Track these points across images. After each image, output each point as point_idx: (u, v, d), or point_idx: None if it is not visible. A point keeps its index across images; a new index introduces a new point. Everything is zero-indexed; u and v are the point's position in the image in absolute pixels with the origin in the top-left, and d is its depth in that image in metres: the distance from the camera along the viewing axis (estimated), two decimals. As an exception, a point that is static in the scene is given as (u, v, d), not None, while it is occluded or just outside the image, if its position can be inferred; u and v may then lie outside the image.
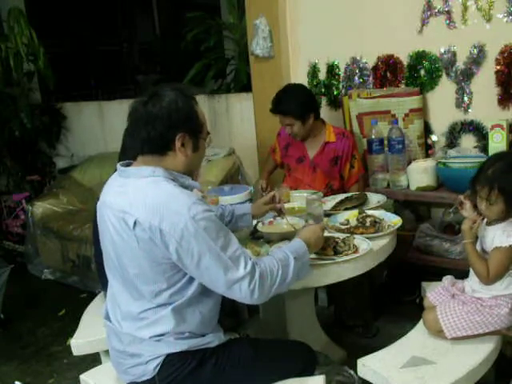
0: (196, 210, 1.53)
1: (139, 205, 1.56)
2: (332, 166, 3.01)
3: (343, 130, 3.13)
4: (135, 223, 1.55)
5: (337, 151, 3.00)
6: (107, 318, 1.80)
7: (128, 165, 1.72)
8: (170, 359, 1.63)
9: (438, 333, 1.95)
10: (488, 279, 1.91)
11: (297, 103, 2.87)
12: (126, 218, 1.57)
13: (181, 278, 1.61)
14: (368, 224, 2.21)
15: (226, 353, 1.71)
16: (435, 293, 2.11)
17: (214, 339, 1.70)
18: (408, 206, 3.11)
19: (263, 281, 1.60)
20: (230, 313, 3.04)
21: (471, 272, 2.01)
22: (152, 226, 1.53)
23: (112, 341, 1.76)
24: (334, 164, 3.02)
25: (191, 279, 1.62)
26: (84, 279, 3.79)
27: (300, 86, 3.04)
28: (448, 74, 3.02)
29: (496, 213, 1.89)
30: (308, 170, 3.06)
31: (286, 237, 2.17)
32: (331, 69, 3.45)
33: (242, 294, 1.58)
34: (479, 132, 2.98)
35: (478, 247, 1.99)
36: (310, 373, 1.85)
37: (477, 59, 2.91)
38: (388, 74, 3.22)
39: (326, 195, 2.80)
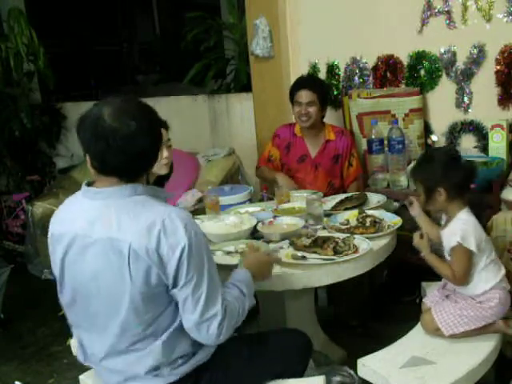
0: (191, 230, 1.45)
1: (130, 229, 1.43)
2: (333, 164, 3.04)
3: (342, 128, 3.17)
4: (129, 249, 1.41)
5: (337, 149, 3.04)
6: (87, 359, 1.66)
7: (89, 184, 1.56)
8: None
9: (436, 331, 1.96)
10: (456, 280, 1.94)
11: (324, 88, 3.08)
12: (117, 245, 1.43)
13: (172, 304, 1.51)
14: (368, 224, 2.21)
15: (218, 362, 1.64)
16: (430, 296, 2.14)
17: (204, 354, 1.61)
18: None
19: (229, 322, 1.51)
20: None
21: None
22: (149, 251, 1.41)
23: (105, 377, 1.64)
24: (335, 162, 3.04)
25: None
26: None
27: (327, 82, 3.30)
28: (448, 74, 3.02)
29: (421, 201, 2.01)
30: (310, 169, 3.07)
31: (286, 237, 2.18)
32: (331, 69, 3.45)
33: (209, 334, 1.48)
34: (479, 132, 2.98)
35: (447, 256, 2.00)
36: (307, 357, 1.86)
37: (477, 59, 2.91)
38: (388, 74, 3.22)
39: (327, 194, 2.81)
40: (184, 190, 3.73)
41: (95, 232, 1.47)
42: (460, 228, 1.90)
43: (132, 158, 1.46)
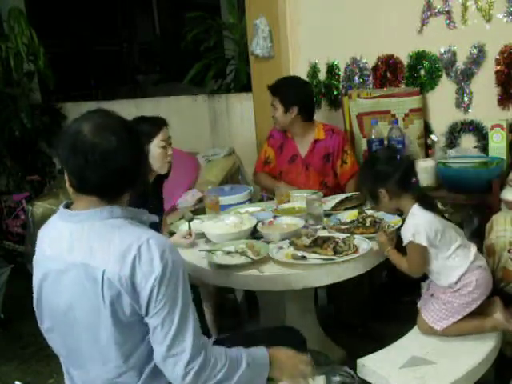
0: (168, 258, 1.37)
1: (104, 254, 1.35)
2: (324, 163, 3.03)
3: (333, 126, 3.13)
4: (103, 276, 1.34)
5: (327, 148, 3.02)
6: None
7: (68, 205, 1.48)
8: None
9: (431, 330, 1.98)
10: (411, 273, 2.01)
11: (288, 90, 2.97)
12: (91, 271, 1.35)
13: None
14: (368, 224, 2.21)
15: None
16: (421, 299, 2.16)
17: None
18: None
19: (202, 368, 1.39)
20: (230, 313, 3.05)
21: None
22: (122, 278, 1.33)
23: None
24: (326, 161, 3.03)
25: None
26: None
27: (303, 82, 3.14)
28: (448, 74, 3.02)
29: (377, 208, 2.12)
30: (301, 169, 3.06)
31: (286, 237, 2.18)
32: (331, 69, 3.45)
33: (175, 372, 1.38)
34: (479, 132, 2.98)
35: None
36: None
37: (477, 59, 2.91)
38: (388, 74, 3.22)
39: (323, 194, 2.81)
40: (184, 190, 3.73)
41: (70, 258, 1.40)
42: (412, 224, 1.94)
43: (112, 174, 1.38)
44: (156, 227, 1.57)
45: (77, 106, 5.05)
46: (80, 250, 1.39)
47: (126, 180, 1.44)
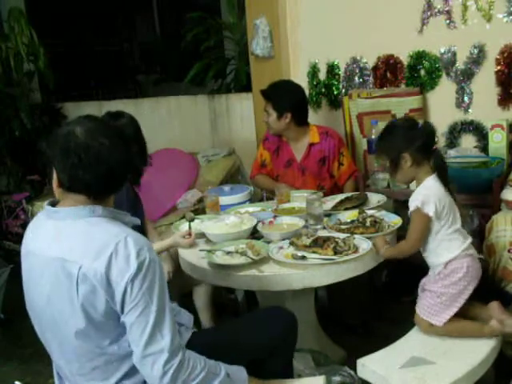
0: (144, 257, 1.40)
1: (82, 250, 1.40)
2: (320, 166, 3.02)
3: (327, 128, 3.11)
4: (79, 271, 1.38)
5: (323, 151, 3.01)
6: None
7: (54, 204, 1.55)
8: None
9: (431, 328, 1.99)
10: (407, 244, 1.99)
11: (282, 96, 2.93)
12: (68, 266, 1.40)
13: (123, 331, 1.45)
14: (368, 224, 2.21)
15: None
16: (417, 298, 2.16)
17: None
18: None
19: (180, 369, 1.41)
20: (230, 313, 3.05)
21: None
22: (97, 274, 1.37)
23: None
24: (322, 165, 3.02)
25: None
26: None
27: (297, 86, 3.06)
28: (448, 74, 3.03)
29: (391, 173, 2.06)
30: (297, 174, 3.05)
31: (286, 237, 2.18)
32: (331, 69, 3.45)
33: (153, 371, 1.39)
34: (479, 132, 2.98)
35: None
36: (291, 334, 1.87)
37: (477, 59, 2.91)
38: (388, 74, 3.22)
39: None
40: (184, 190, 3.73)
41: (49, 252, 1.45)
42: (422, 193, 1.94)
43: (102, 174, 1.45)
44: (139, 230, 1.59)
45: (77, 106, 5.05)
46: (59, 246, 1.44)
47: (115, 181, 1.51)
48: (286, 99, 2.92)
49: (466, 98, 2.99)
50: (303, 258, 2.00)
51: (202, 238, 2.33)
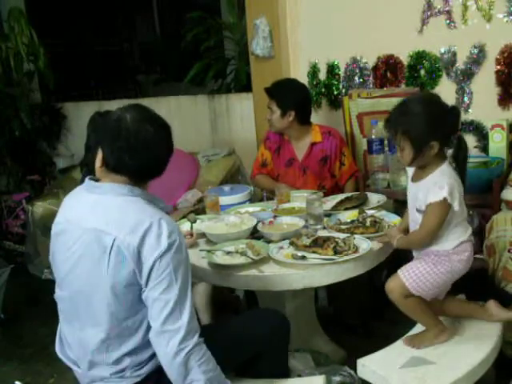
0: (175, 238, 1.51)
1: (118, 224, 1.51)
2: (322, 166, 3.02)
3: (329, 128, 3.11)
4: (113, 242, 1.49)
5: (325, 151, 3.01)
6: (63, 353, 1.72)
7: (96, 180, 1.64)
8: None
9: (403, 297, 1.89)
10: (427, 235, 1.83)
11: (287, 94, 2.94)
12: (102, 236, 1.51)
13: (144, 311, 1.54)
14: (368, 224, 2.21)
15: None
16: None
17: None
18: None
19: (193, 352, 1.48)
20: (231, 312, 3.05)
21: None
22: (130, 246, 1.48)
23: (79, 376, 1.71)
24: (324, 164, 3.02)
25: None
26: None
27: (301, 85, 3.09)
28: (448, 74, 3.03)
29: (408, 157, 1.80)
30: (298, 173, 3.05)
31: (286, 237, 2.18)
32: (331, 69, 3.45)
33: (168, 347, 1.47)
34: (479, 132, 2.98)
35: (412, 209, 1.90)
36: (279, 336, 1.86)
37: (477, 59, 2.91)
38: (388, 74, 3.22)
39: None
40: (184, 190, 3.73)
41: (85, 223, 1.55)
42: (446, 182, 1.77)
43: (146, 160, 1.58)
44: None
45: (77, 106, 5.06)
46: (96, 218, 1.54)
47: (156, 167, 1.63)
48: (291, 97, 2.94)
49: (465, 98, 2.99)
50: (303, 257, 2.00)
51: (202, 238, 2.33)
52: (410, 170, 1.95)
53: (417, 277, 1.86)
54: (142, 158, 1.57)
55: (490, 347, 1.91)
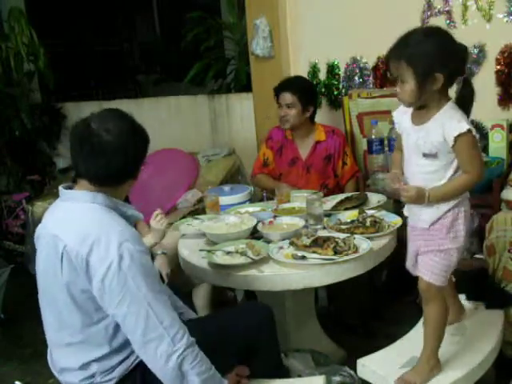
0: (127, 248, 1.46)
1: (70, 231, 1.51)
2: (325, 164, 3.03)
3: (333, 127, 3.14)
4: (64, 249, 1.49)
5: (328, 149, 3.03)
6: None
7: (70, 188, 1.65)
8: None
9: (431, 291, 1.78)
10: (479, 177, 1.65)
11: (306, 88, 3.00)
12: (57, 242, 1.51)
13: (103, 323, 1.53)
14: (368, 224, 2.21)
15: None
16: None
17: None
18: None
19: (186, 356, 1.45)
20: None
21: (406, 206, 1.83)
22: (78, 256, 1.46)
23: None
24: (328, 163, 3.03)
25: None
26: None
27: (311, 81, 3.24)
28: (448, 74, 3.02)
29: (409, 93, 1.65)
30: (301, 172, 3.06)
31: (286, 237, 2.17)
32: (331, 69, 3.45)
33: (158, 355, 1.43)
34: (479, 132, 2.97)
35: (417, 155, 1.72)
36: (267, 326, 1.86)
37: (477, 59, 2.91)
38: (388, 74, 3.22)
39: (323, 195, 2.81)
40: (184, 190, 3.73)
41: (50, 230, 1.57)
42: (462, 115, 1.64)
43: (102, 167, 1.53)
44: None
45: (77, 106, 5.06)
46: (55, 223, 1.57)
47: (117, 174, 1.58)
48: (310, 94, 3.00)
49: (466, 98, 2.99)
50: (303, 257, 2.00)
51: (202, 238, 2.33)
52: (402, 115, 1.80)
53: (437, 268, 1.74)
54: (95, 163, 1.53)
55: (490, 347, 1.91)
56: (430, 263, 1.76)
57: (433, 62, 1.60)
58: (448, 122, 1.62)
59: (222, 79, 5.10)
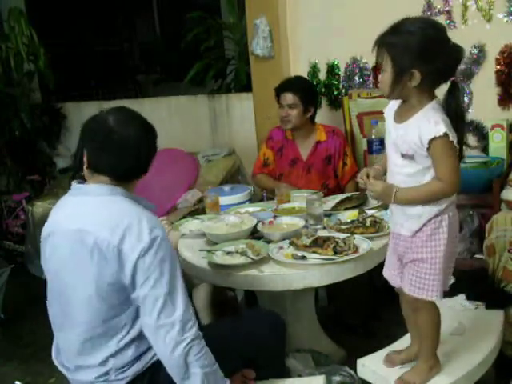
0: (157, 234, 1.51)
1: (98, 223, 1.53)
2: (326, 165, 3.03)
3: (333, 127, 3.14)
4: (94, 242, 1.50)
5: (329, 150, 3.03)
6: (58, 357, 1.73)
7: (82, 183, 1.67)
8: None
9: (416, 307, 1.71)
10: (451, 185, 1.55)
11: (307, 89, 3.01)
12: (85, 236, 1.52)
13: (129, 311, 1.56)
14: (368, 224, 2.21)
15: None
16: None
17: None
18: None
19: (192, 347, 1.48)
20: (230, 313, 3.04)
21: (390, 208, 1.78)
22: (110, 246, 1.49)
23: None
24: (328, 163, 3.03)
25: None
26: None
27: (311, 81, 3.26)
28: (448, 74, 3.02)
29: (387, 82, 1.60)
30: (302, 172, 3.06)
31: (286, 237, 2.17)
32: (331, 69, 3.45)
33: (166, 342, 1.47)
34: (479, 132, 2.98)
35: (395, 153, 1.66)
36: (279, 338, 1.87)
37: (477, 59, 2.92)
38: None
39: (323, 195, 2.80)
40: (184, 190, 3.73)
41: (69, 224, 1.57)
42: (442, 118, 1.53)
43: (124, 161, 1.59)
44: None
45: (77, 106, 5.06)
46: (78, 219, 1.56)
47: (136, 168, 1.64)
48: (311, 94, 3.00)
49: (465, 98, 2.99)
50: (303, 257, 2.00)
51: (202, 238, 2.33)
52: (389, 111, 1.78)
53: (421, 280, 1.66)
54: (118, 157, 1.58)
55: (489, 347, 1.91)
56: (414, 277, 1.67)
57: (412, 58, 1.50)
58: (425, 124, 1.53)
59: (221, 79, 5.11)
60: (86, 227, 1.53)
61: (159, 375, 1.59)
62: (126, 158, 1.59)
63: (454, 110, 1.57)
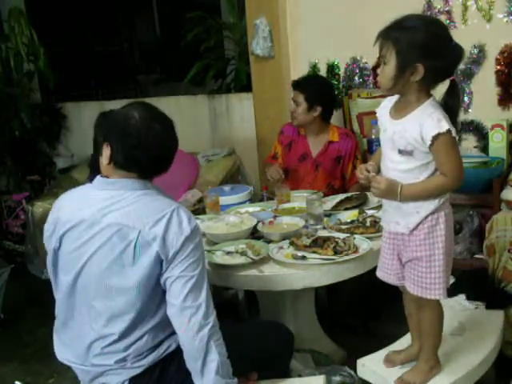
0: (194, 223, 1.61)
1: (139, 217, 1.56)
2: (335, 165, 3.04)
3: (347, 130, 3.18)
4: (138, 236, 1.54)
5: (340, 151, 3.03)
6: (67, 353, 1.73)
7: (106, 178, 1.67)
8: (132, 382, 1.61)
9: (419, 304, 1.73)
10: (455, 180, 1.58)
11: (315, 88, 2.98)
12: (125, 231, 1.55)
13: (159, 299, 1.60)
14: (368, 224, 2.21)
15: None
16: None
17: (171, 342, 1.64)
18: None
19: (214, 332, 1.54)
20: (230, 313, 3.05)
21: (384, 205, 1.76)
22: (157, 237, 1.54)
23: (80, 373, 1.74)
24: (337, 164, 3.04)
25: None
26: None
27: (329, 83, 3.20)
28: (448, 74, 3.03)
29: (387, 76, 1.59)
30: (310, 169, 3.07)
31: (286, 237, 2.17)
32: (331, 69, 3.45)
33: (191, 324, 1.52)
34: (479, 132, 2.98)
35: (392, 150, 1.64)
36: (287, 350, 1.90)
37: (477, 59, 2.92)
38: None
39: (327, 195, 2.80)
40: (184, 190, 3.73)
41: (105, 219, 1.58)
42: (443, 115, 1.56)
43: (155, 157, 1.63)
44: None
45: (77, 106, 5.06)
46: (116, 213, 1.57)
47: (165, 164, 1.69)
48: (319, 93, 2.98)
49: (465, 98, 2.99)
50: (303, 258, 2.00)
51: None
52: (382, 110, 1.80)
53: (424, 278, 1.66)
54: (153, 155, 1.61)
55: (489, 347, 1.91)
56: (416, 276, 1.67)
57: (418, 51, 1.52)
58: (427, 120, 1.54)
59: (221, 79, 5.10)
60: (125, 222, 1.55)
61: (169, 370, 1.62)
62: (158, 156, 1.63)
63: (451, 109, 1.61)
